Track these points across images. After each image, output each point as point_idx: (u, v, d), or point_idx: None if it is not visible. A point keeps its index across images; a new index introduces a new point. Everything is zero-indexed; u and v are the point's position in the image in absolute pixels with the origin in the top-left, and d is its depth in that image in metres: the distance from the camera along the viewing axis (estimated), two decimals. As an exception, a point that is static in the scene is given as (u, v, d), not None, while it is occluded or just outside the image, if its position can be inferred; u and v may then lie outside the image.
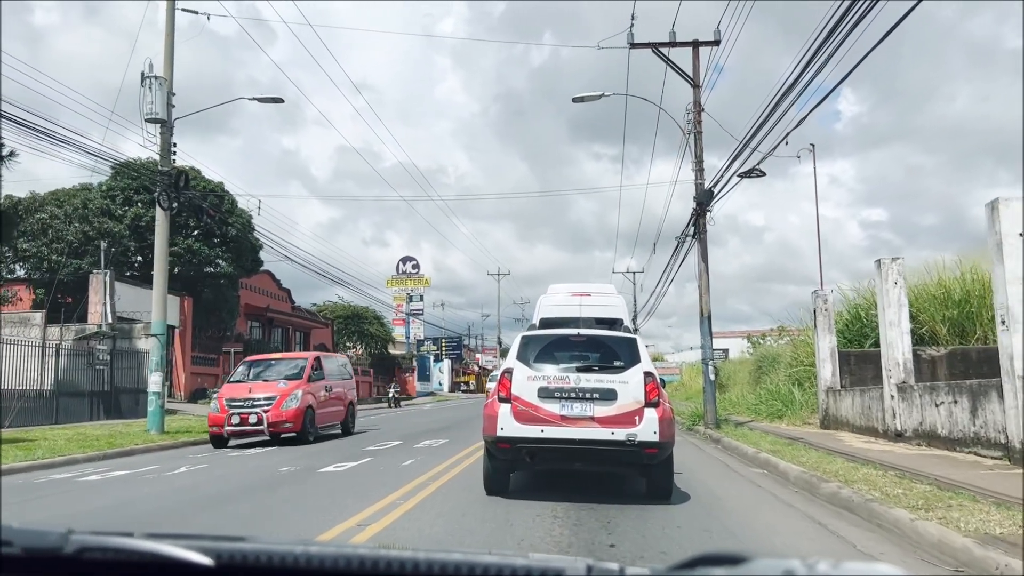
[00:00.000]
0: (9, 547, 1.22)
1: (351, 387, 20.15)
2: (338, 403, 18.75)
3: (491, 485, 8.37)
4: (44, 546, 1.22)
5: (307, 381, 16.98)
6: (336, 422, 18.69)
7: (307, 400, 16.64)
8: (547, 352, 8.37)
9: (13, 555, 1.22)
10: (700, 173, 17.96)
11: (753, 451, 12.30)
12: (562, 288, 13.53)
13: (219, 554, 1.18)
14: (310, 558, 1.18)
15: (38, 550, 1.23)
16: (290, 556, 1.18)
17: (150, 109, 18.50)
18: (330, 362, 19.48)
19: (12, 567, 1.24)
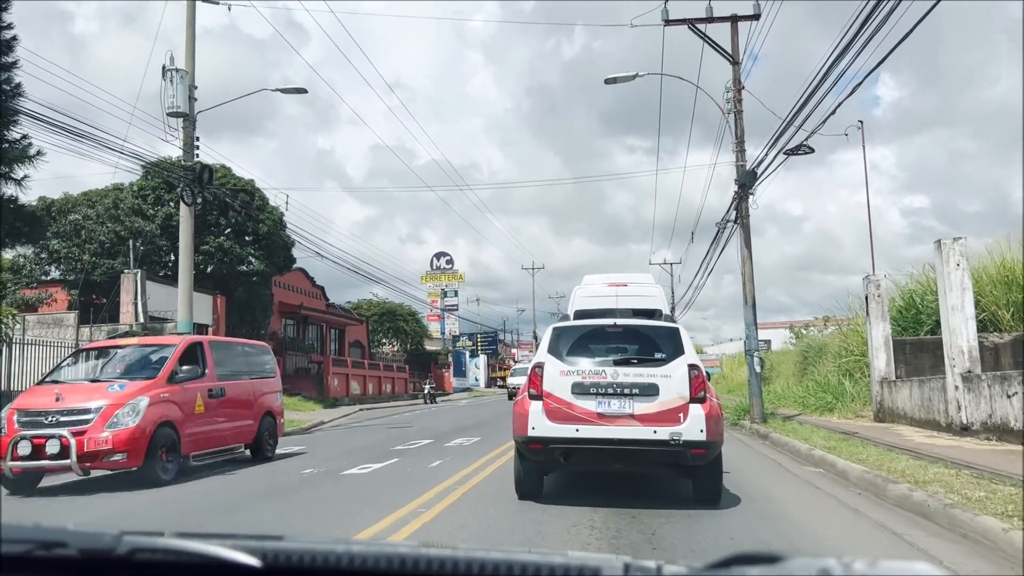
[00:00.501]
0: (65, 548, 1.23)
1: (271, 390, 13.82)
2: (239, 415, 12.32)
3: (523, 489, 7.77)
4: (98, 547, 1.23)
5: (165, 382, 10.63)
6: (235, 444, 12.27)
7: (159, 413, 10.20)
8: (581, 344, 7.75)
9: (69, 556, 1.23)
10: (741, 154, 17.04)
11: (806, 448, 11.43)
12: (597, 279, 12.97)
13: (264, 554, 1.20)
14: (352, 557, 1.19)
15: (93, 551, 1.24)
16: (333, 555, 1.20)
17: (171, 103, 18.12)
18: (226, 352, 12.84)
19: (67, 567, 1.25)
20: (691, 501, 7.45)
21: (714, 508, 7.24)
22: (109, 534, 1.25)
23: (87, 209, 32.55)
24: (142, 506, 8.49)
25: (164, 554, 1.24)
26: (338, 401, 38.83)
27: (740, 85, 17.21)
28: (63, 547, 1.24)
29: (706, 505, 7.27)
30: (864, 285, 16.56)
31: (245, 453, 12.78)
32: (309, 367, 41.19)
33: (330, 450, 14.54)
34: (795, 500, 7.86)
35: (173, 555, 1.23)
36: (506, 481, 8.71)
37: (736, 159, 17.12)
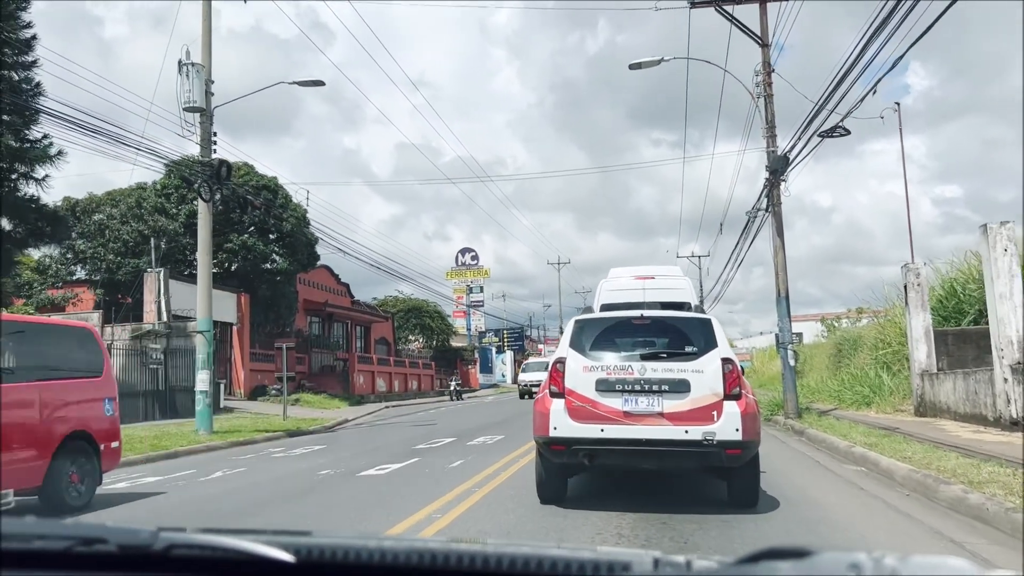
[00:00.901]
0: (105, 544, 1.25)
1: (86, 397, 8.85)
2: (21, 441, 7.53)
3: (545, 492, 7.33)
4: (136, 543, 1.25)
5: None
6: None
7: None
8: (606, 338, 7.25)
9: (108, 552, 1.25)
10: (772, 140, 16.41)
11: (845, 444, 10.84)
12: (624, 272, 12.64)
13: (298, 549, 1.21)
14: (384, 552, 1.21)
15: (131, 547, 1.25)
16: (365, 551, 1.21)
17: (187, 97, 17.82)
18: None
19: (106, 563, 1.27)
20: (726, 505, 6.99)
21: (751, 512, 6.74)
22: (146, 531, 1.27)
23: (111, 209, 32.58)
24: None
25: (200, 550, 1.25)
26: (364, 399, 38.59)
27: (770, 68, 16.58)
28: (103, 543, 1.26)
29: (742, 509, 6.80)
30: (902, 274, 15.88)
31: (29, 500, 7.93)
32: (334, 364, 41.02)
33: (349, 449, 14.17)
34: (838, 502, 7.31)
35: (208, 551, 1.25)
36: (527, 483, 8.27)
37: (767, 145, 16.50)
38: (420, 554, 1.20)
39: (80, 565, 1.28)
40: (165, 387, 24.45)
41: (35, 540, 1.29)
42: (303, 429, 20.28)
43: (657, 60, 17.29)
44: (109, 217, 32.72)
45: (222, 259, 35.04)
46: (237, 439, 17.25)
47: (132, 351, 24.72)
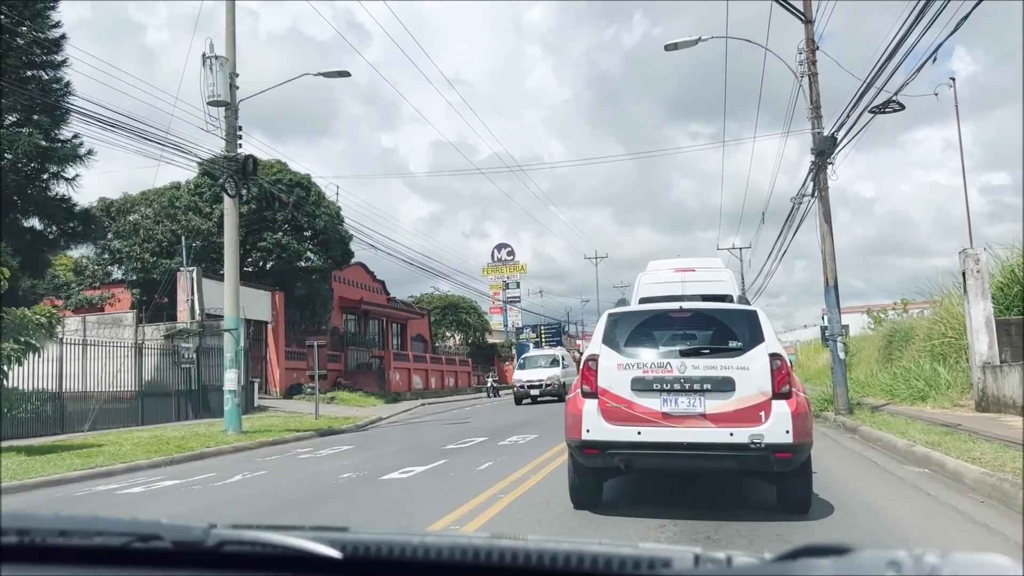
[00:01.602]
0: (160, 540, 1.28)
1: None
2: None
3: (578, 497, 6.81)
4: (190, 540, 1.28)
5: None
6: None
7: None
8: (642, 333, 6.75)
9: (163, 548, 1.28)
10: (817, 120, 15.53)
11: (905, 443, 10.02)
12: (663, 264, 12.28)
13: (344, 545, 1.23)
14: (428, 548, 1.22)
15: (185, 543, 1.28)
16: (409, 547, 1.23)
17: (212, 91, 17.47)
18: None
19: (160, 559, 1.30)
20: (776, 511, 6.41)
21: (806, 520, 6.08)
22: (199, 527, 1.29)
23: (145, 208, 32.61)
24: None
25: (251, 546, 1.27)
26: (400, 396, 38.26)
27: (814, 45, 15.70)
28: (158, 540, 1.28)
29: (793, 515, 6.22)
30: (960, 260, 14.90)
31: None
32: (370, 362, 40.76)
33: (377, 450, 13.67)
34: (904, 510, 6.56)
35: (259, 547, 1.26)
36: (558, 488, 7.72)
37: (812, 126, 15.62)
38: (463, 550, 1.23)
39: (135, 561, 1.31)
40: (198, 386, 24.25)
41: (96, 536, 1.31)
42: (334, 428, 19.87)
43: (694, 40, 16.50)
44: (143, 217, 32.79)
45: (256, 258, 34.94)
46: (266, 439, 16.86)
47: (165, 351, 24.57)
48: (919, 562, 0.97)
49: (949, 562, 0.97)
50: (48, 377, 18.73)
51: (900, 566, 0.96)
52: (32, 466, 11.93)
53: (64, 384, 19.50)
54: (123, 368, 22.45)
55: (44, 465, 12.06)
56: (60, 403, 18.81)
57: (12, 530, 1.31)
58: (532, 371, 31.84)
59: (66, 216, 22.03)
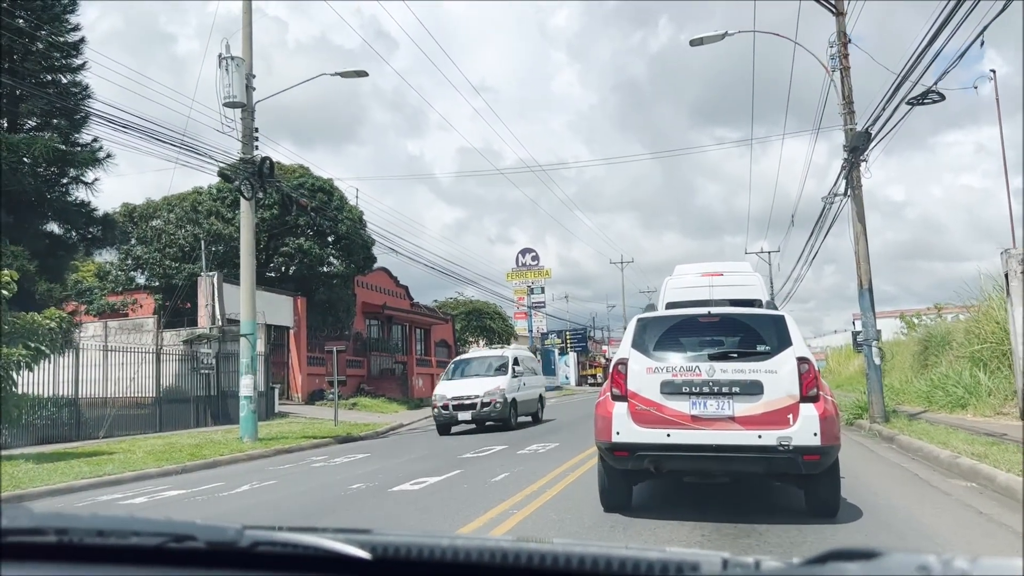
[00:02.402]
0: (194, 541, 1.30)
1: None
2: None
3: (608, 500, 6.96)
4: (224, 540, 1.29)
5: None
6: None
7: None
8: (671, 337, 6.86)
9: (197, 548, 1.29)
10: (850, 116, 14.89)
11: (948, 455, 9.38)
12: (690, 268, 12.14)
13: (375, 547, 1.24)
14: (457, 551, 1.24)
15: (219, 544, 1.29)
16: (439, 549, 1.24)
17: (227, 92, 17.19)
18: None
19: (194, 559, 1.32)
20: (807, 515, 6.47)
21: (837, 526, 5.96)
22: (232, 528, 1.30)
23: (167, 213, 32.55)
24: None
25: (283, 547, 1.29)
26: (423, 402, 37.83)
27: (846, 38, 15.07)
28: (193, 540, 1.30)
29: (825, 519, 6.33)
30: (1003, 261, 14.16)
31: None
32: (393, 367, 40.42)
33: (393, 458, 13.24)
34: (952, 529, 5.97)
35: (291, 547, 1.28)
36: (576, 502, 7.40)
37: (844, 122, 14.98)
38: (491, 552, 1.24)
39: (170, 561, 1.33)
40: (217, 392, 24.00)
41: (132, 536, 1.33)
42: (353, 435, 19.50)
43: (720, 34, 15.93)
44: (166, 222, 32.72)
45: (279, 263, 34.76)
46: (282, 446, 16.52)
47: (185, 356, 24.37)
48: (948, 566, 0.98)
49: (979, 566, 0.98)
50: (64, 383, 18.54)
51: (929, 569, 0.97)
52: (39, 474, 11.65)
53: (81, 390, 19.31)
54: (142, 374, 22.26)
55: (51, 473, 11.77)
56: (76, 409, 18.61)
57: (51, 529, 1.33)
58: (463, 383, 19.95)
59: (85, 221, 21.89)
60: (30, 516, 1.39)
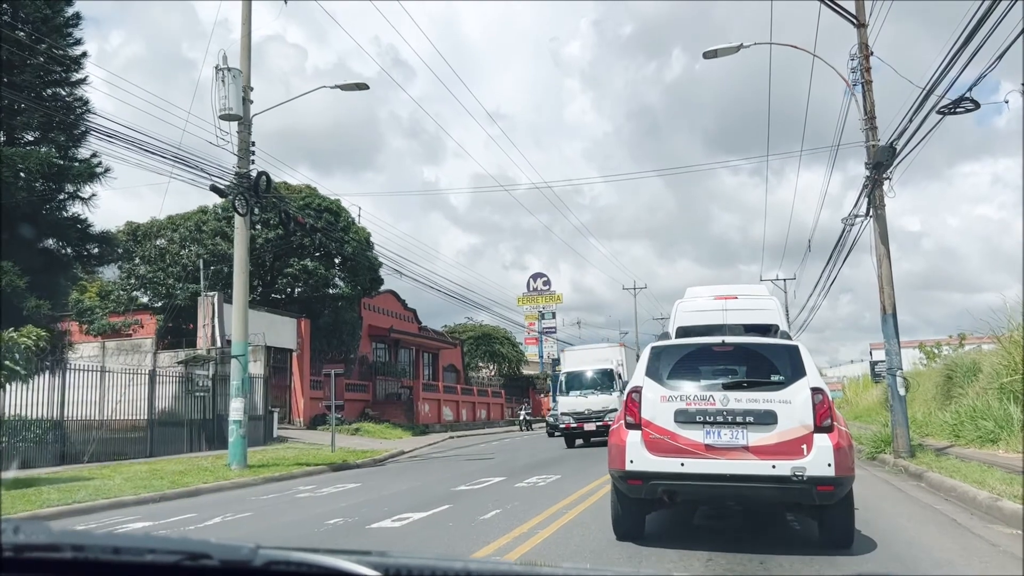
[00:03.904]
0: (209, 559, 1.29)
1: None
2: None
3: (621, 528, 6.94)
4: (238, 559, 1.29)
5: None
6: None
7: None
8: (685, 366, 6.91)
9: (212, 567, 1.29)
10: (872, 132, 14.10)
11: (987, 496, 8.47)
12: (703, 291, 11.55)
13: (387, 569, 1.24)
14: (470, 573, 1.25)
15: (233, 563, 1.29)
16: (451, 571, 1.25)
17: (223, 104, 16.63)
18: None
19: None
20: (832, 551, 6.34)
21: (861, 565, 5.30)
22: (247, 547, 1.29)
23: (171, 233, 32.08)
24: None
25: (297, 566, 1.28)
26: (428, 428, 37.03)
27: (868, 51, 14.33)
28: (207, 558, 1.29)
29: (839, 551, 6.29)
30: (1038, 286, 13.28)
31: None
32: (399, 392, 39.63)
33: (382, 490, 12.42)
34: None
35: (305, 567, 1.27)
36: (571, 545, 6.78)
37: (866, 138, 14.20)
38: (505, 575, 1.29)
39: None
40: (213, 416, 23.24)
41: (147, 554, 1.33)
42: (349, 463, 18.69)
43: (736, 47, 15.23)
44: (169, 241, 32.25)
45: (283, 284, 34.19)
46: (272, 474, 15.74)
47: (183, 378, 23.67)
48: None
49: None
50: (50, 405, 17.84)
51: None
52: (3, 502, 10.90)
53: (69, 412, 18.59)
54: (136, 396, 21.55)
55: (16, 501, 11.02)
56: (62, 432, 17.89)
57: (67, 546, 1.33)
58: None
59: (81, 237, 21.29)
60: (48, 532, 1.38)
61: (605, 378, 24.21)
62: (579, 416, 23.12)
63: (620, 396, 21.19)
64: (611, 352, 28.05)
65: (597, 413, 22.78)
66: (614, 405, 21.17)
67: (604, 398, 23.22)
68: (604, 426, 20.65)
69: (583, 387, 24.10)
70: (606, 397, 23.22)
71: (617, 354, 27.57)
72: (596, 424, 22.53)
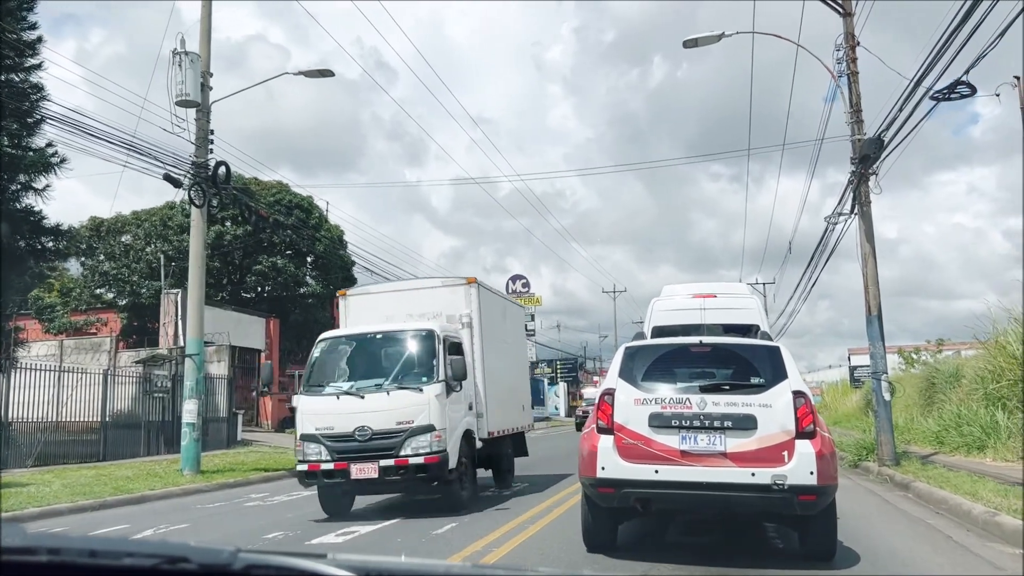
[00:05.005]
0: (187, 563, 1.26)
1: None
2: None
3: (592, 539, 6.61)
4: (217, 563, 1.26)
5: None
6: None
7: None
8: (660, 367, 6.59)
9: (191, 571, 1.26)
10: (858, 126, 13.52)
11: (983, 511, 7.83)
12: (680, 290, 11.17)
13: (368, 572, 1.23)
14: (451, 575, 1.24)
15: (212, 566, 1.26)
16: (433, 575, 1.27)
17: (180, 90, 15.78)
18: None
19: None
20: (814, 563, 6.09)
21: None
22: (227, 551, 1.27)
23: (136, 228, 31.10)
24: None
25: (276, 570, 1.26)
26: (402, 432, 36.16)
27: (854, 41, 13.76)
28: (186, 562, 1.26)
29: (821, 564, 6.03)
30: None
31: None
32: (373, 395, 38.65)
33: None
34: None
35: (285, 571, 1.25)
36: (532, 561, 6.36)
37: (851, 132, 13.62)
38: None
39: None
40: (172, 418, 22.28)
41: (125, 557, 1.29)
42: (311, 468, 17.84)
43: (717, 35, 14.59)
44: (135, 238, 31.26)
45: (252, 282, 33.29)
46: (226, 480, 14.92)
47: (142, 379, 22.72)
48: None
49: None
50: (-7, 405, 16.90)
51: None
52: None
53: (16, 412, 17.63)
54: (91, 397, 20.60)
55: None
56: (5, 434, 16.94)
57: (43, 549, 1.30)
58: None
59: (33, 230, 20.33)
60: (23, 535, 1.32)
61: (412, 355, 10.12)
62: (338, 443, 9.77)
63: (445, 394, 9.46)
64: (443, 299, 11.71)
65: (384, 436, 9.33)
66: (427, 418, 9.28)
67: (404, 399, 9.55)
68: (401, 466, 9.12)
69: (357, 374, 10.63)
70: (408, 398, 9.52)
71: (458, 301, 11.55)
72: (382, 461, 9.19)
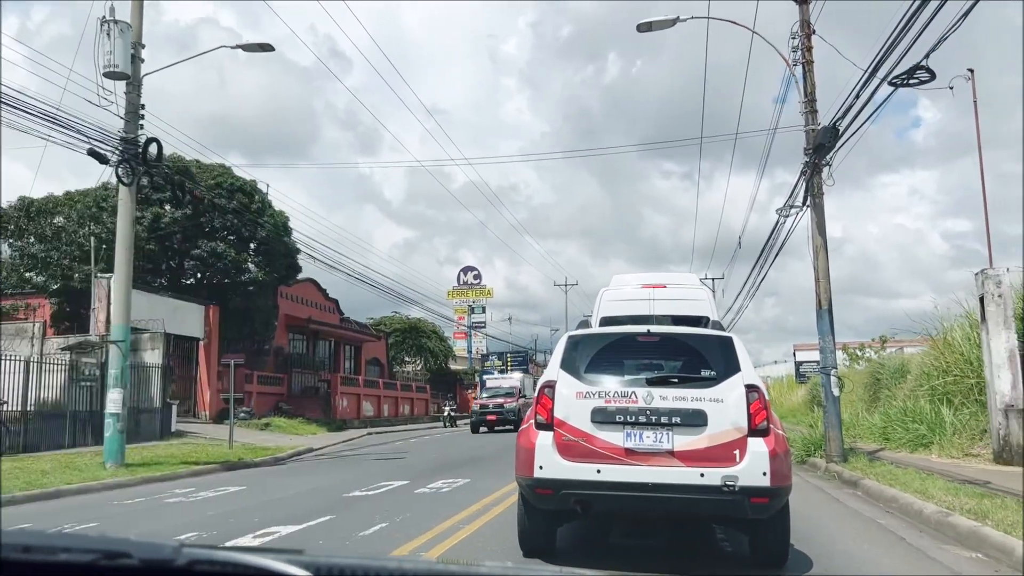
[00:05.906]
0: (128, 558, 1.22)
1: None
2: None
3: (529, 543, 6.18)
4: (159, 558, 1.23)
5: None
6: None
7: None
8: (605, 358, 6.16)
9: (131, 566, 1.22)
10: (812, 115, 13.27)
11: (935, 510, 7.57)
12: (630, 279, 11.07)
13: (318, 568, 1.19)
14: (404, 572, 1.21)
15: (153, 562, 1.23)
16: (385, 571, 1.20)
17: (108, 60, 14.86)
18: None
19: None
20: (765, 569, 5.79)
21: None
22: (170, 546, 1.24)
23: (69, 210, 29.74)
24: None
25: (221, 566, 1.23)
26: (346, 424, 35.37)
27: (810, 28, 13.50)
28: (127, 557, 1.23)
29: (772, 569, 5.74)
30: (978, 283, 12.61)
31: None
32: (317, 386, 37.85)
33: (266, 494, 11.00)
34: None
35: (230, 567, 1.22)
36: None
37: (805, 122, 13.36)
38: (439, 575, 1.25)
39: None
40: (100, 407, 21.24)
41: (61, 553, 1.24)
42: (246, 460, 17.14)
43: (672, 20, 14.21)
44: (67, 219, 29.89)
45: (192, 268, 32.13)
46: (151, 474, 14.13)
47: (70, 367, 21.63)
48: None
49: None
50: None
51: None
52: None
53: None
54: (12, 386, 19.52)
55: None
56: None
57: None
58: None
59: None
60: None
61: None
62: None
63: None
64: None
65: None
66: None
67: None
68: None
69: None
70: None
71: None
72: None
